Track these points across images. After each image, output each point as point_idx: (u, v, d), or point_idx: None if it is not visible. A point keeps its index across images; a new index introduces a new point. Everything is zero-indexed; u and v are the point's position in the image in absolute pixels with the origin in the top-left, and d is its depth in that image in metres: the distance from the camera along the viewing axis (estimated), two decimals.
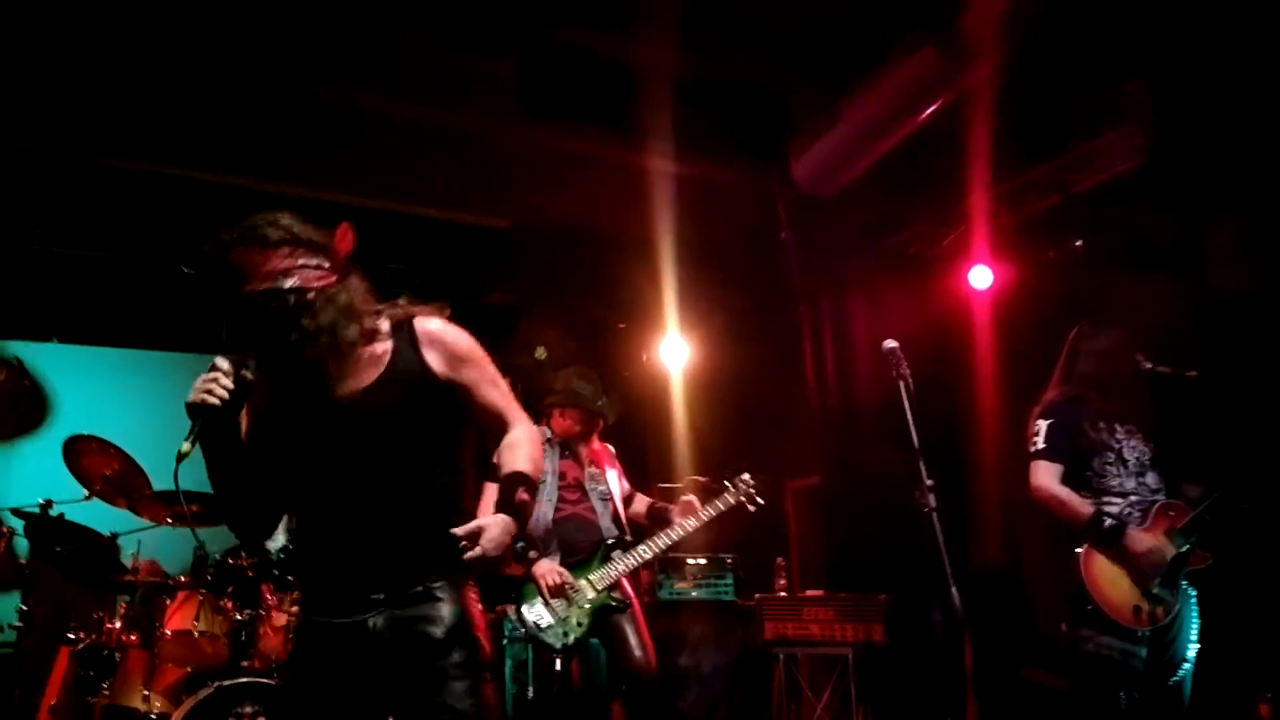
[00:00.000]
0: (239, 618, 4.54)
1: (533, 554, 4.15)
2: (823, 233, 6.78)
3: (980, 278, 5.98)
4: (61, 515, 4.69)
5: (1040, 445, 3.56)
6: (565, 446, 4.53)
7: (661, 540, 4.35)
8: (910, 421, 3.04)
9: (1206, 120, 4.66)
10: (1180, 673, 3.38)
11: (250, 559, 4.93)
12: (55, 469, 4.83)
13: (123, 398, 5.91)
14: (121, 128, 5.24)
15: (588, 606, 4.18)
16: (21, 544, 4.80)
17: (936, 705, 5.72)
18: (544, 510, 4.26)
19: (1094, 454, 3.52)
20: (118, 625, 4.50)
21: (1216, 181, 4.60)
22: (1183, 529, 3.40)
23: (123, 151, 5.43)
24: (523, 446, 2.38)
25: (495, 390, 2.44)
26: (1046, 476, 3.53)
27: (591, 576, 4.23)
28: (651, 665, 4.35)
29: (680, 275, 6.42)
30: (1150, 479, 3.53)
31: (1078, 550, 3.43)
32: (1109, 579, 3.37)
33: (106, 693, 4.33)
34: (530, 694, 5.11)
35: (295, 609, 4.63)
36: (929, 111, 5.31)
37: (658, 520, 4.50)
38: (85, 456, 4.68)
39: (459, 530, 2.15)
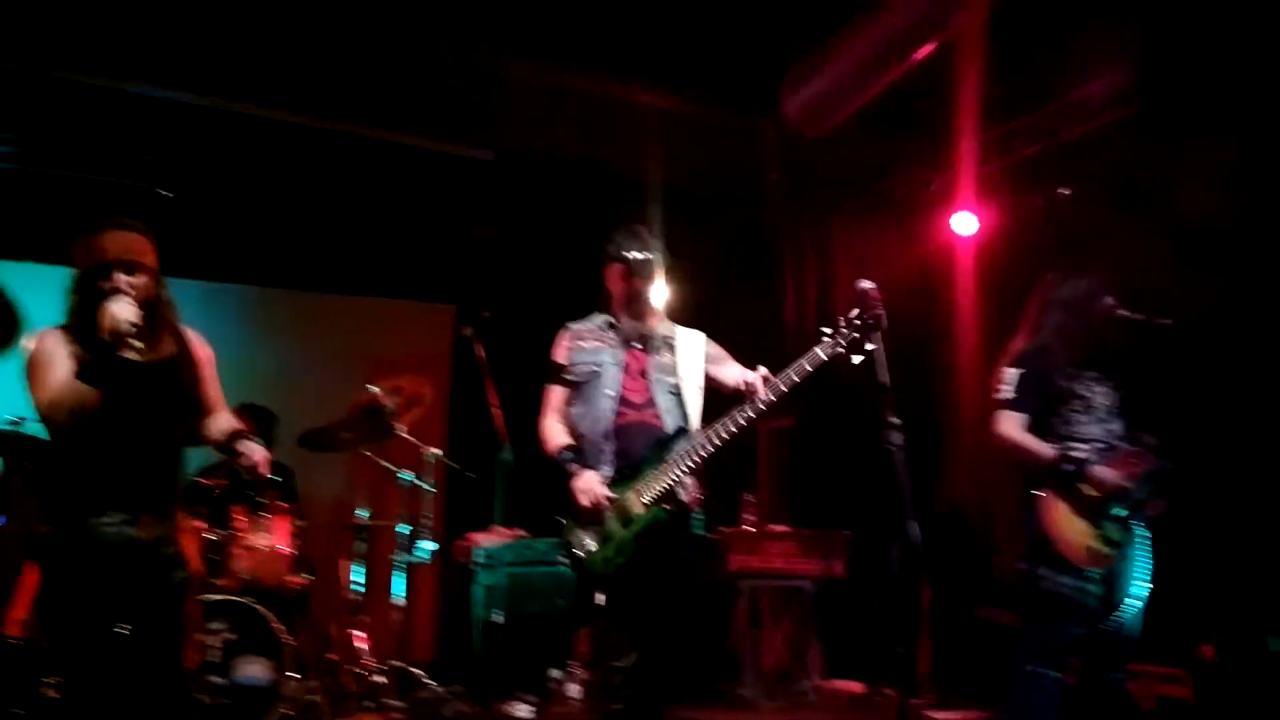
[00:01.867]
0: (210, 538, 4.58)
1: (573, 467, 3.31)
2: (810, 174, 6.75)
3: (964, 224, 5.97)
4: (33, 433, 4.67)
5: (1008, 394, 3.59)
6: (624, 325, 3.52)
7: (725, 429, 3.23)
8: (881, 361, 3.05)
9: (1196, 65, 4.63)
10: (1129, 611, 3.46)
11: (221, 480, 4.97)
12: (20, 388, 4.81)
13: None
14: (92, 46, 5.15)
15: (633, 527, 3.23)
16: None
17: (891, 639, 5.85)
18: (602, 410, 3.36)
19: (1061, 401, 3.56)
20: None
21: (1204, 129, 4.58)
22: (1144, 476, 3.46)
23: (98, 69, 5.34)
24: None
25: None
26: (1010, 424, 3.57)
27: (638, 487, 3.25)
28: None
29: (667, 213, 6.39)
30: (1116, 426, 3.57)
31: (1037, 493, 3.49)
32: (1067, 521, 3.45)
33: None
34: (496, 619, 5.19)
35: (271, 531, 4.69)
36: (920, 54, 5.27)
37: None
38: None
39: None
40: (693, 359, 3.54)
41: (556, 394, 3.51)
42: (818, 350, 3.22)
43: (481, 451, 5.73)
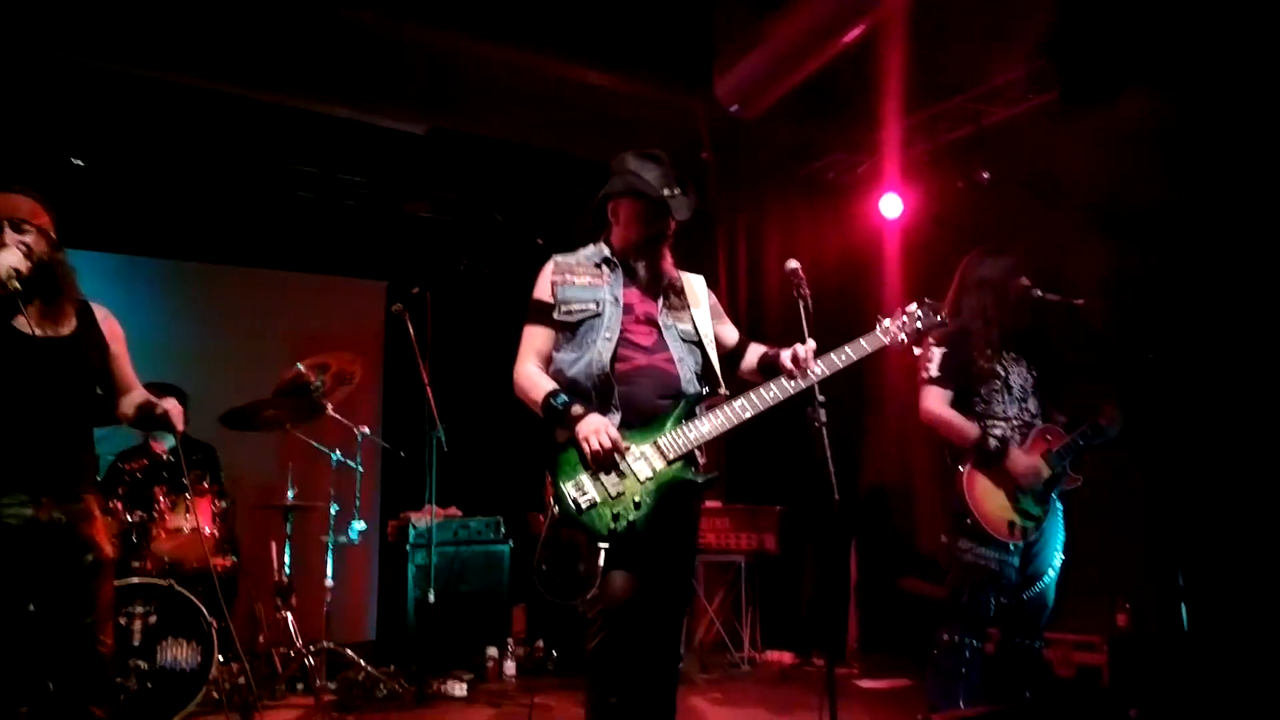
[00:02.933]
0: (129, 519, 4.49)
1: (576, 409, 2.80)
2: (743, 155, 6.80)
3: (890, 206, 6.08)
4: None
5: (934, 373, 3.71)
6: (627, 265, 3.05)
7: (769, 393, 2.91)
8: (808, 337, 3.11)
9: (1118, 48, 4.77)
10: (1045, 581, 3.61)
11: (141, 462, 4.88)
12: None
13: None
14: (6, 8, 4.96)
15: (651, 482, 2.80)
16: None
17: (820, 611, 5.98)
18: (598, 351, 2.90)
19: (982, 381, 3.68)
20: None
21: (1126, 113, 4.71)
22: (1057, 452, 3.60)
23: (11, 32, 5.14)
24: None
25: None
26: (936, 401, 3.69)
27: (661, 440, 2.84)
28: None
29: (599, 190, 6.40)
30: (1031, 404, 3.70)
31: (960, 469, 3.59)
32: (988, 496, 3.57)
33: None
34: (431, 598, 5.18)
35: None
36: (849, 37, 5.32)
37: (772, 371, 3.04)
38: None
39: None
40: (703, 308, 3.12)
41: (540, 336, 3.00)
42: (878, 334, 3.04)
43: (416, 430, 5.69)
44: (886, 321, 3.07)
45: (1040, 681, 3.67)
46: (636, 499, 2.77)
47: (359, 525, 5.34)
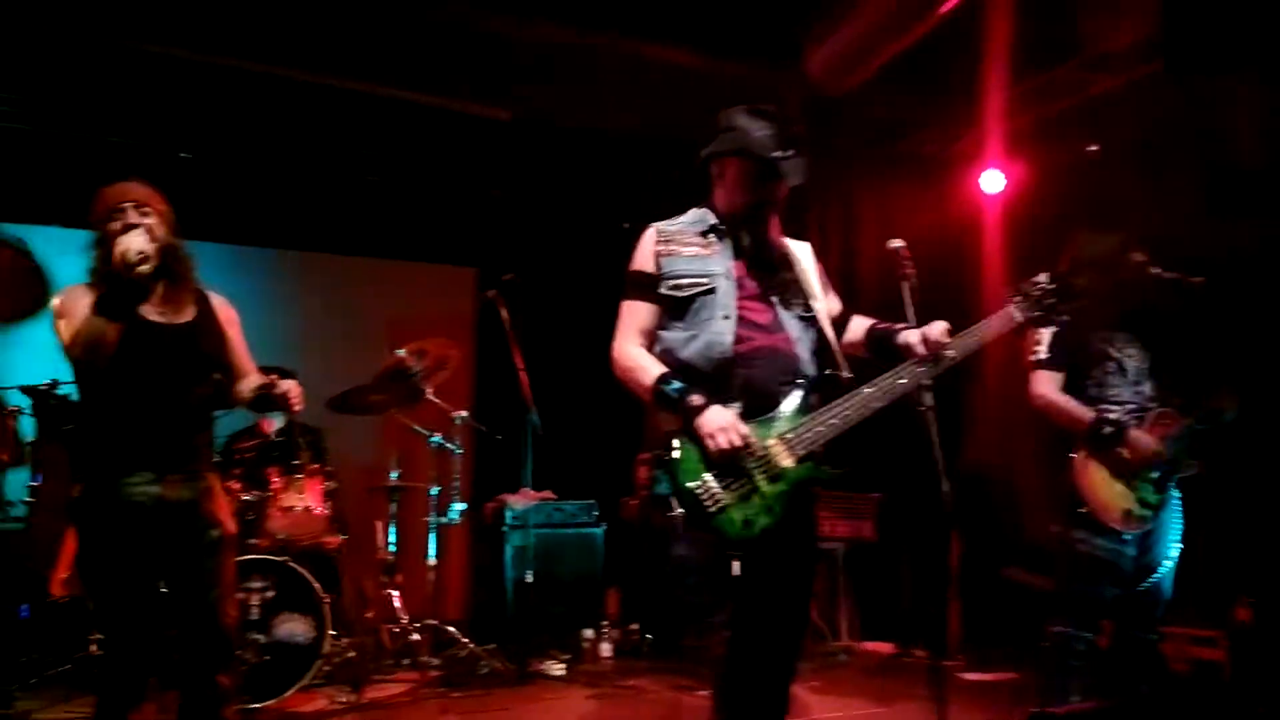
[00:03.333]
0: (246, 499, 4.65)
1: (695, 399, 2.49)
2: (835, 132, 6.69)
3: (992, 181, 5.92)
4: (68, 395, 4.75)
5: (1043, 355, 3.59)
6: (734, 233, 2.75)
7: (901, 380, 2.63)
8: (912, 321, 3.04)
9: (1221, 13, 4.56)
10: (1161, 572, 3.48)
11: (252, 442, 5.04)
12: (56, 349, 4.88)
13: None
14: (112, 6, 5.12)
15: (782, 483, 2.51)
16: (27, 422, 4.88)
17: (920, 601, 5.88)
18: (717, 333, 2.60)
19: (1094, 364, 3.56)
20: None
21: (1232, 77, 4.51)
22: (1174, 437, 3.46)
23: (120, 31, 5.31)
24: None
25: None
26: (1047, 384, 3.58)
27: (788, 435, 2.54)
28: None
29: (686, 174, 6.36)
30: (1146, 388, 3.57)
31: (1073, 455, 3.49)
32: (1103, 483, 3.45)
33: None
34: (529, 579, 5.26)
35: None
36: (947, 6, 5.19)
37: (886, 349, 2.74)
38: None
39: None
40: (813, 279, 2.83)
41: (643, 311, 2.70)
42: (1012, 310, 2.75)
43: (508, 414, 5.77)
44: (1019, 297, 2.79)
45: (1156, 676, 3.56)
46: (768, 502, 2.49)
47: (459, 506, 5.45)
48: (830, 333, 2.76)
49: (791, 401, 2.59)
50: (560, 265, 7.11)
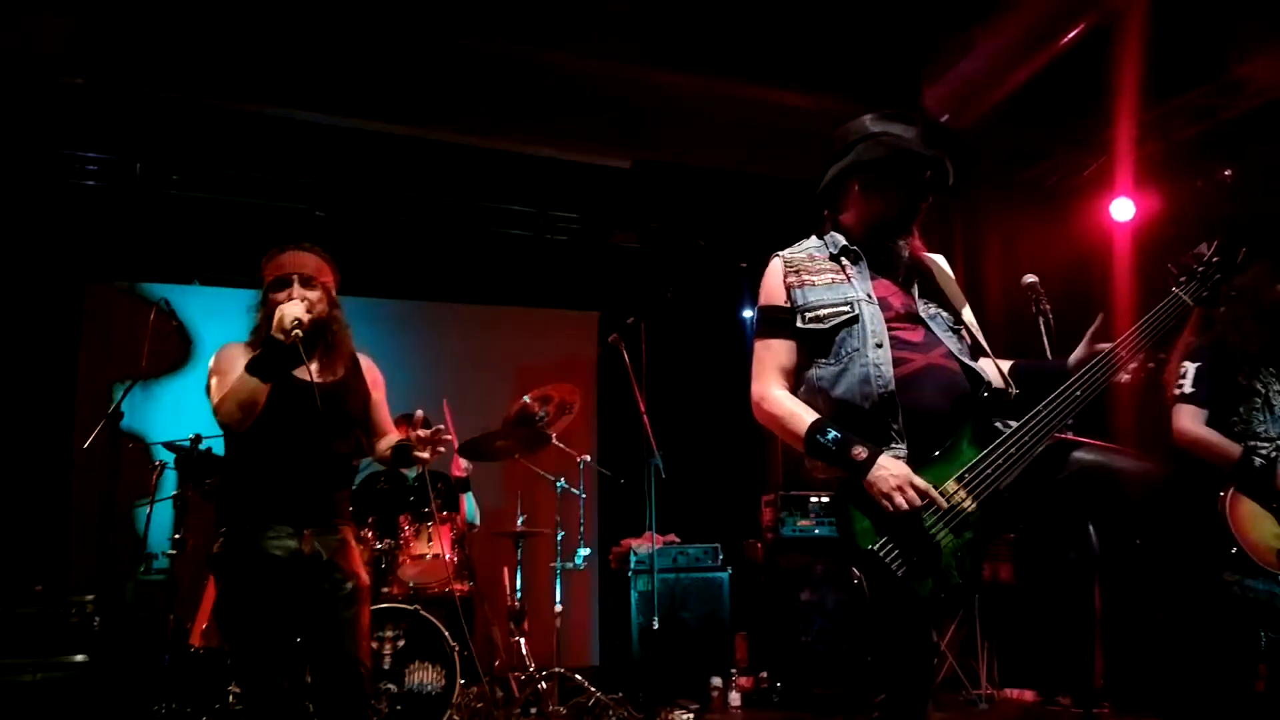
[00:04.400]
0: (379, 547, 4.76)
1: (858, 451, 2.25)
2: (958, 164, 6.57)
3: (1122, 210, 5.71)
4: (209, 449, 4.96)
5: (1188, 389, 3.44)
6: (871, 253, 2.53)
7: (1080, 389, 2.33)
8: (1050, 357, 2.94)
9: None
10: None
11: (385, 485, 5.16)
12: (198, 405, 5.12)
13: None
14: (249, 71, 5.40)
15: (968, 532, 2.24)
16: (170, 475, 5.11)
17: (1062, 647, 5.61)
18: (873, 364, 2.35)
19: (1240, 400, 3.40)
20: None
21: None
22: None
23: (252, 95, 5.59)
24: None
25: None
26: (1192, 420, 3.42)
27: (965, 475, 2.26)
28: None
29: (805, 213, 6.33)
30: None
31: (1222, 494, 3.31)
32: (1255, 522, 3.28)
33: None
34: (655, 625, 5.23)
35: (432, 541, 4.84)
36: (1070, 36, 5.07)
37: (1042, 379, 2.44)
38: None
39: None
40: (955, 291, 2.60)
41: (781, 350, 2.48)
42: (1180, 295, 2.45)
43: (631, 457, 5.78)
44: (1182, 278, 2.48)
45: None
46: (958, 556, 2.22)
47: (584, 551, 5.47)
48: (982, 340, 2.52)
49: (963, 432, 2.31)
50: (680, 308, 7.15)
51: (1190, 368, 3.45)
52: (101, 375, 5.94)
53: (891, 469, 2.22)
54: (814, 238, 2.62)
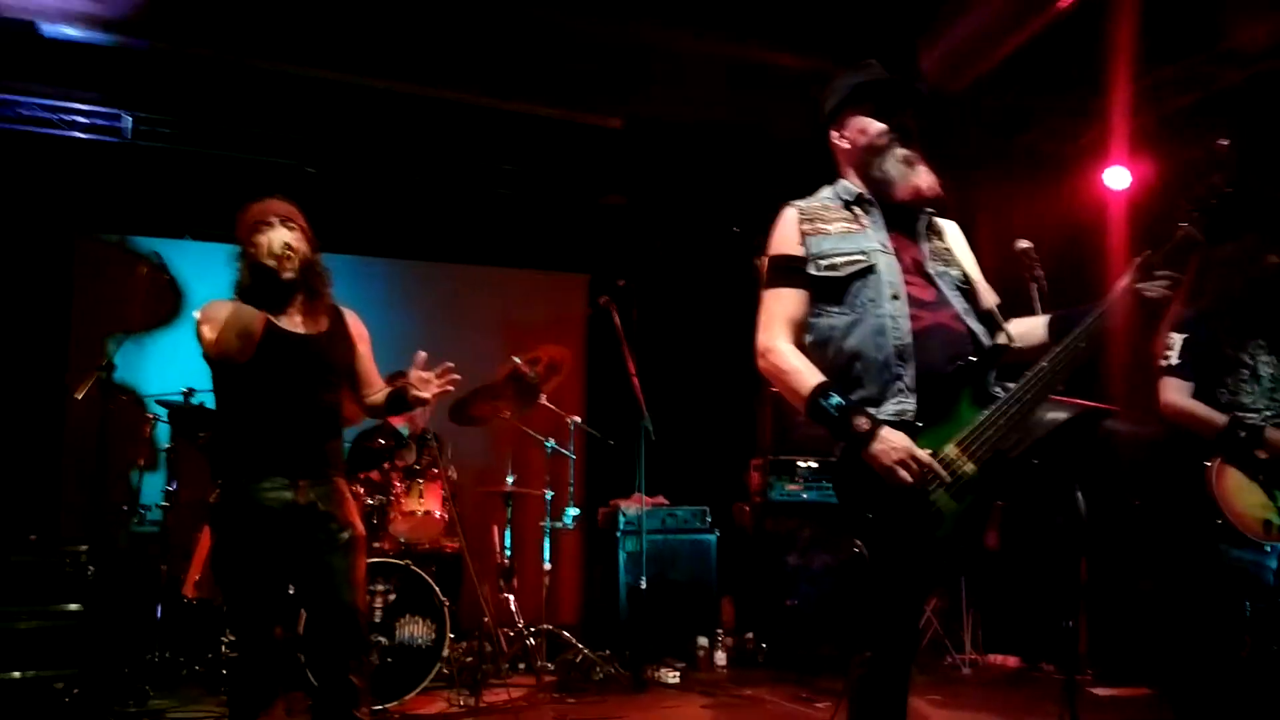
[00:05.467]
0: (370, 503, 4.78)
1: (861, 421, 2.21)
2: (951, 129, 6.55)
3: (1117, 178, 5.71)
4: (202, 403, 4.97)
5: (1174, 361, 3.44)
6: (885, 203, 2.48)
7: (1084, 340, 2.29)
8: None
9: None
10: None
11: (378, 441, 5.19)
12: (189, 359, 5.12)
13: None
14: (239, 24, 5.34)
15: (970, 496, 2.22)
16: (163, 430, 5.12)
17: (1046, 613, 5.69)
18: (891, 315, 2.33)
19: (1227, 371, 3.41)
20: None
21: None
22: None
23: (243, 49, 5.54)
24: None
25: None
26: (1177, 392, 3.43)
27: (966, 439, 2.23)
28: None
29: (798, 175, 6.32)
30: None
31: (1208, 464, 3.34)
32: (1240, 493, 3.30)
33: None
34: (643, 585, 5.28)
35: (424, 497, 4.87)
36: (1066, 1, 5.04)
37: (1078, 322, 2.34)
38: None
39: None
40: (961, 245, 2.60)
41: (791, 300, 2.41)
42: (1190, 231, 2.32)
43: (620, 419, 5.81)
44: (1194, 213, 2.37)
45: None
46: (959, 521, 2.20)
47: (573, 511, 5.51)
48: (987, 299, 2.51)
49: (963, 395, 2.28)
50: (671, 270, 7.14)
51: (1177, 339, 3.45)
52: (94, 329, 5.92)
53: (893, 441, 2.19)
54: (826, 189, 2.57)
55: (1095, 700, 4.92)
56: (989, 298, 2.55)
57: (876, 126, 2.47)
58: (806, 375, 2.31)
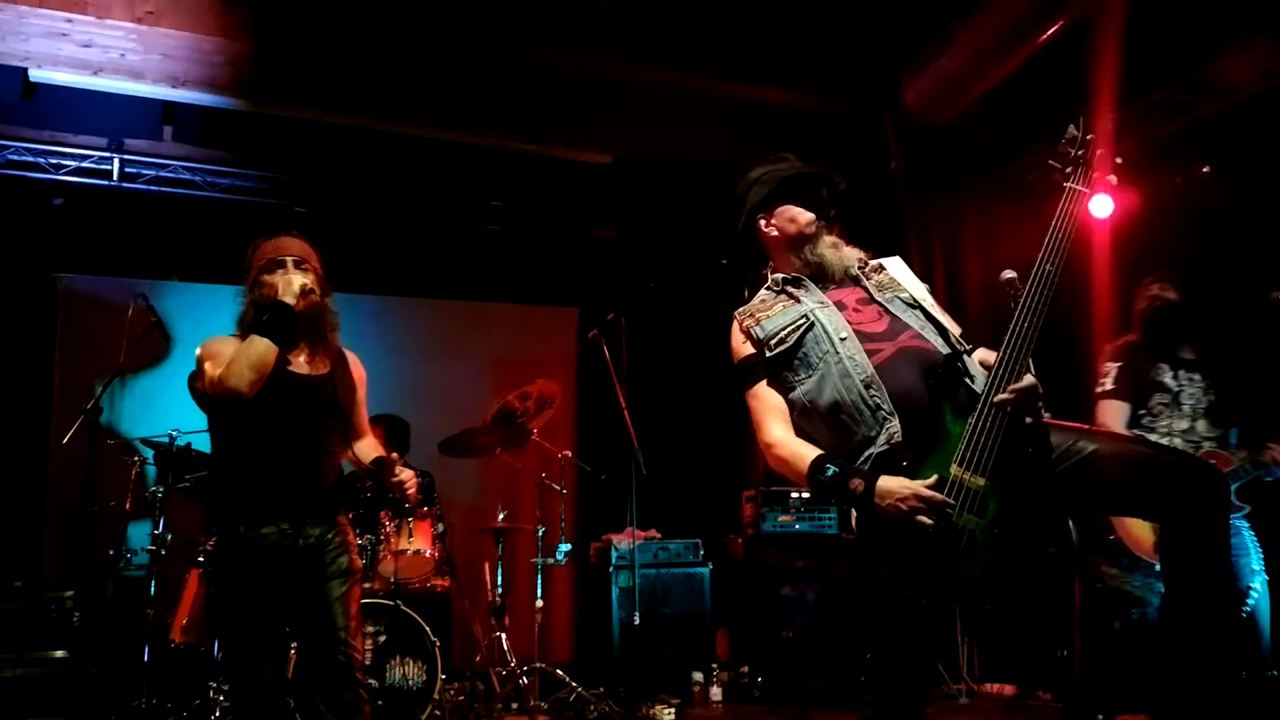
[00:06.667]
0: (359, 542, 4.73)
1: (855, 482, 2.25)
2: (934, 162, 6.61)
3: (1100, 206, 5.75)
4: (189, 445, 4.94)
5: (1109, 386, 3.68)
6: (815, 274, 2.62)
7: (1025, 320, 2.32)
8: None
9: None
10: (1247, 604, 3.37)
11: (368, 484, 5.14)
12: (177, 402, 5.10)
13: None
14: (227, 66, 5.36)
15: (993, 505, 2.20)
16: (149, 471, 5.08)
17: (1043, 641, 5.65)
18: (844, 357, 2.39)
19: (1150, 394, 3.63)
20: None
21: None
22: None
23: (230, 90, 5.56)
24: None
25: None
26: (1109, 414, 3.63)
27: (964, 455, 2.23)
28: None
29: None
30: (1201, 425, 3.58)
31: None
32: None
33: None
34: (636, 620, 5.24)
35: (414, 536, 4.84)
36: (1049, 33, 5.11)
37: None
38: None
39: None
40: (906, 275, 2.68)
41: (767, 393, 2.52)
42: (1073, 186, 2.55)
43: (612, 453, 5.79)
44: (1065, 169, 2.60)
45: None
46: (981, 553, 2.17)
47: (565, 547, 5.47)
48: (940, 315, 2.54)
49: (943, 412, 2.29)
50: (661, 304, 7.14)
51: (1112, 368, 3.71)
52: (79, 370, 5.89)
53: (896, 492, 2.19)
54: (761, 290, 2.71)
55: None
56: (944, 318, 2.57)
57: (806, 215, 2.63)
58: (804, 454, 2.38)
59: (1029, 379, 2.23)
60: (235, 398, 2.76)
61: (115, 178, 5.99)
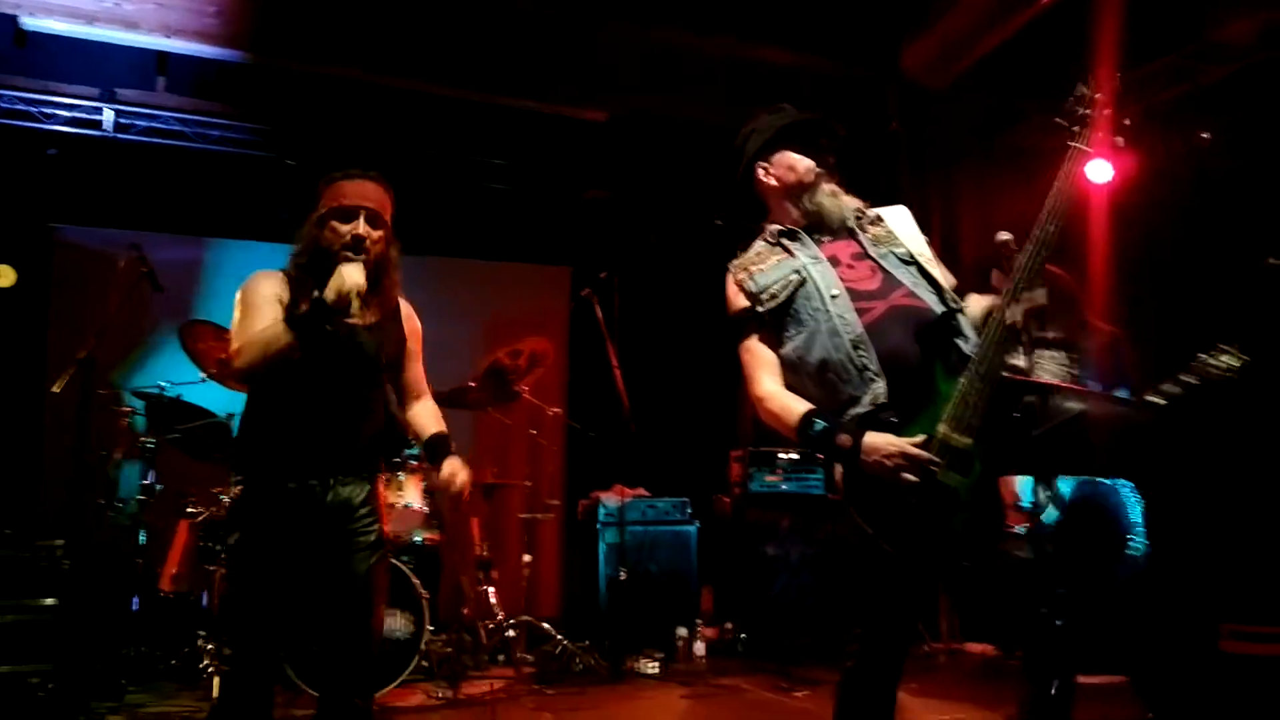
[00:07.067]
0: None
1: (842, 438, 2.24)
2: (933, 126, 6.57)
3: (1098, 171, 5.73)
4: (179, 396, 4.94)
5: None
6: (811, 225, 2.56)
7: (1027, 269, 2.32)
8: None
9: None
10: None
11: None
12: (171, 354, 5.09)
13: (231, 286, 6.15)
14: (221, 15, 5.30)
15: (975, 473, 2.22)
16: (139, 422, 5.09)
17: (1023, 601, 5.70)
18: (834, 315, 2.37)
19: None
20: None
21: None
22: None
23: (223, 41, 5.49)
24: None
25: None
26: None
27: (951, 413, 2.24)
28: None
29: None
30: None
31: None
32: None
33: (225, 561, 4.55)
34: (622, 576, 5.28)
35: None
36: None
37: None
38: (200, 340, 4.80)
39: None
40: (907, 227, 2.61)
41: (761, 346, 2.50)
42: (1078, 147, 2.50)
43: (602, 411, 5.80)
44: (1075, 128, 2.55)
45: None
46: (974, 492, 2.19)
47: (553, 503, 5.51)
48: (936, 269, 2.50)
49: (935, 371, 2.29)
50: (653, 263, 7.13)
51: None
52: (73, 321, 5.87)
53: (882, 449, 2.19)
54: (756, 241, 2.65)
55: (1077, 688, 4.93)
56: (942, 274, 2.53)
57: (805, 163, 2.57)
58: (794, 409, 2.36)
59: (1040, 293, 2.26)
60: (243, 374, 2.64)
61: (109, 128, 5.92)
